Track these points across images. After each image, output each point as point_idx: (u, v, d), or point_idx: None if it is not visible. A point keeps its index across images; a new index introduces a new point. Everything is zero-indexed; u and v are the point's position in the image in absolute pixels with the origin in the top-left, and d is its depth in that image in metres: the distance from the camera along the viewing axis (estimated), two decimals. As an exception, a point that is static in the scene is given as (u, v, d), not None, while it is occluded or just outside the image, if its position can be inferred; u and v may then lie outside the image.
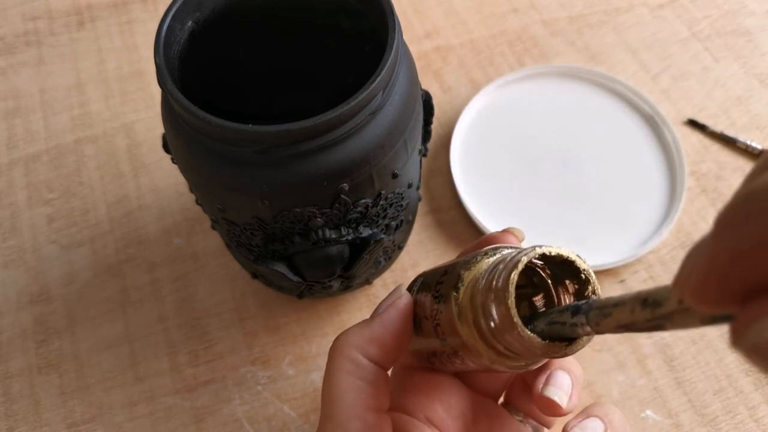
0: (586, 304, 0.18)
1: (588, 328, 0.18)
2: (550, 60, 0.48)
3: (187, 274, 0.40)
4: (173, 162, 0.29)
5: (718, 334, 0.37)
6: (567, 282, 0.20)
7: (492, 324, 0.19)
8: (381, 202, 0.28)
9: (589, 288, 0.19)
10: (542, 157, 0.43)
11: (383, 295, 0.39)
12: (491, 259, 0.21)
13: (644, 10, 0.51)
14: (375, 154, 0.26)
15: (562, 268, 0.20)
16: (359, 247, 0.30)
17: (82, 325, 0.38)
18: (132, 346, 0.37)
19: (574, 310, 0.18)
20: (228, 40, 0.31)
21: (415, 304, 0.24)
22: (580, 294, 0.20)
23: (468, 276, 0.21)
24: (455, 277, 0.21)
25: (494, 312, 0.19)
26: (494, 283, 0.19)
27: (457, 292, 0.21)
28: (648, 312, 0.18)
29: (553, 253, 0.19)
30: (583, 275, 0.19)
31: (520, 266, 0.18)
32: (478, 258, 0.21)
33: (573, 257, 0.19)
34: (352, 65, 0.33)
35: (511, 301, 0.18)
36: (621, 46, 0.49)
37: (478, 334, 0.20)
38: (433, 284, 0.23)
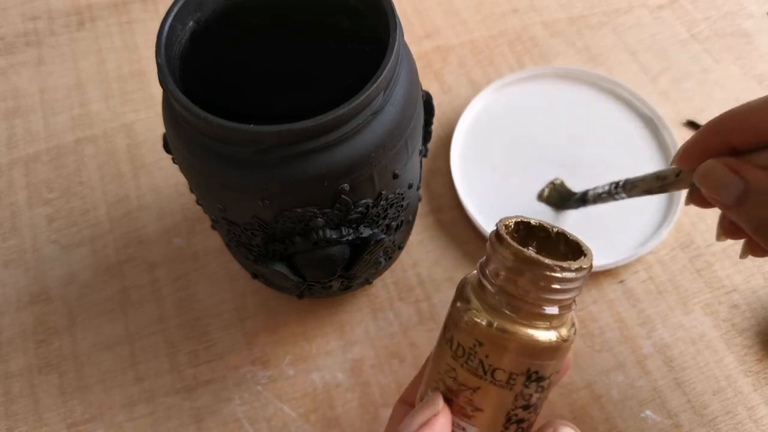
0: (623, 181, 0.33)
1: (624, 195, 0.34)
2: (550, 61, 0.48)
3: (187, 274, 0.40)
4: (173, 162, 0.29)
5: (717, 335, 0.37)
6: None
7: (502, 273, 0.22)
8: (382, 203, 0.29)
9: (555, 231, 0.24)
10: (542, 158, 0.43)
11: (383, 295, 0.39)
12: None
13: (644, 11, 0.51)
14: (376, 155, 0.26)
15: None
16: (360, 248, 0.30)
17: (82, 325, 0.38)
18: (132, 346, 0.37)
19: (616, 185, 0.34)
20: (229, 41, 0.31)
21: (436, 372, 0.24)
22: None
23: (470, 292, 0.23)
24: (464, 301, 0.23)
25: (500, 262, 0.22)
26: (484, 261, 0.23)
27: (469, 303, 0.23)
28: (659, 182, 0.30)
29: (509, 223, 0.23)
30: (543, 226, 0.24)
31: (496, 228, 0.23)
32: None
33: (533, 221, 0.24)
34: (352, 65, 0.33)
35: (503, 234, 0.22)
36: (621, 48, 0.49)
37: (506, 304, 0.22)
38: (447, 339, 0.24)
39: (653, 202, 0.41)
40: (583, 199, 0.38)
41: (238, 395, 0.36)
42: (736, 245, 0.40)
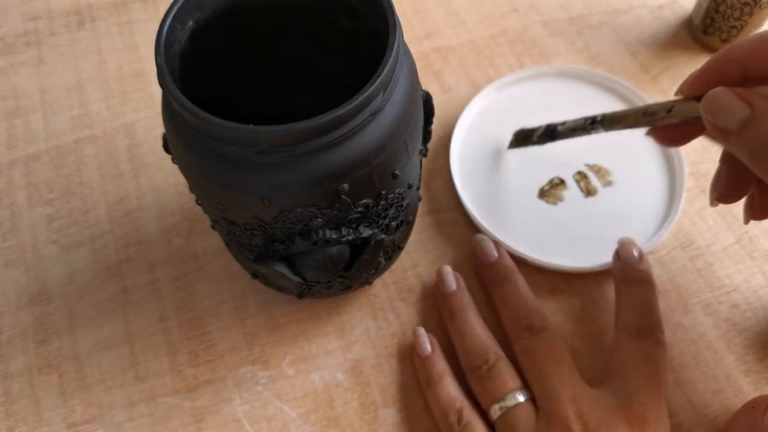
0: (600, 116, 0.32)
1: (601, 129, 0.32)
2: (550, 60, 0.48)
3: (187, 274, 0.40)
4: (173, 162, 0.29)
5: (717, 335, 0.37)
6: None
7: None
8: (381, 203, 0.29)
9: None
10: (542, 158, 0.43)
11: (383, 295, 0.39)
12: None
13: (644, 11, 0.51)
14: (375, 155, 0.26)
15: None
16: (359, 248, 0.30)
17: (82, 325, 0.38)
18: (132, 346, 0.37)
19: (592, 120, 0.33)
20: (229, 40, 0.31)
21: None
22: None
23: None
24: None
25: None
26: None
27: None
28: (647, 118, 0.30)
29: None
30: None
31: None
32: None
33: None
34: (352, 65, 0.33)
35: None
36: (621, 47, 0.49)
37: None
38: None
39: (653, 201, 0.41)
40: (551, 134, 0.37)
41: (238, 395, 0.36)
42: (737, 245, 0.40)
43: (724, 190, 0.30)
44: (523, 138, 0.40)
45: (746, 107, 0.24)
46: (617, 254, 0.37)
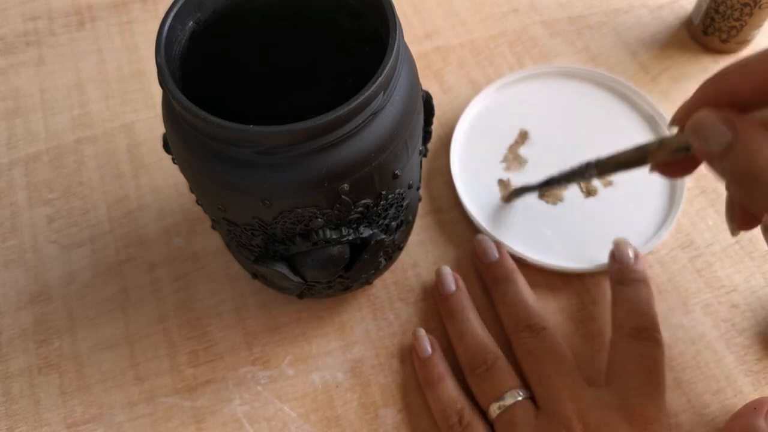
0: (594, 159, 0.32)
1: (594, 172, 0.32)
2: (550, 61, 0.48)
3: (187, 274, 0.40)
4: (173, 162, 0.29)
5: (717, 335, 0.37)
6: None
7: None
8: (382, 203, 0.29)
9: None
10: (542, 158, 0.43)
11: (383, 295, 0.39)
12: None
13: (644, 11, 0.51)
14: (376, 155, 0.26)
15: None
16: (360, 248, 0.30)
17: (82, 325, 0.38)
18: (132, 346, 0.37)
19: (586, 165, 0.32)
20: (229, 41, 0.31)
21: None
22: None
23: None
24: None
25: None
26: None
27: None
28: (638, 152, 0.29)
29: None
30: None
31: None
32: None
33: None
34: (352, 65, 0.33)
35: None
36: (621, 47, 0.49)
37: None
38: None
39: (653, 202, 0.41)
40: (548, 183, 0.37)
41: (238, 395, 0.36)
42: (737, 245, 0.40)
43: (741, 219, 0.28)
44: (521, 190, 0.40)
45: (729, 130, 0.23)
46: (613, 255, 0.37)
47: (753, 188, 0.22)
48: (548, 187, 0.38)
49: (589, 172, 0.32)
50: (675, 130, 0.27)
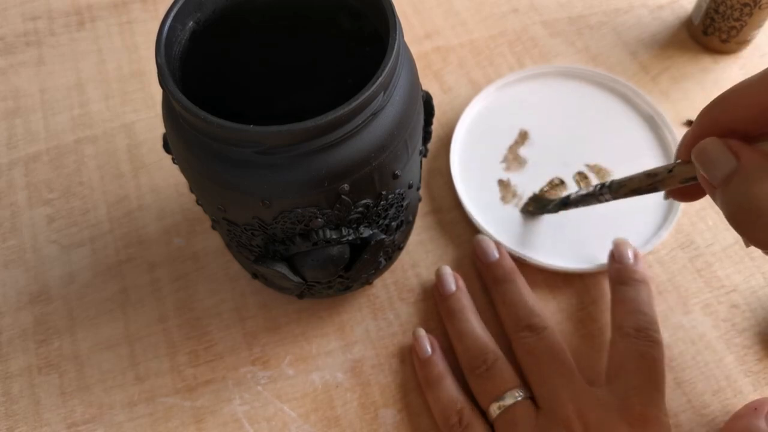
0: (609, 181, 0.33)
1: (608, 196, 0.33)
2: (550, 61, 0.48)
3: (187, 274, 0.40)
4: (173, 162, 0.29)
5: (717, 335, 0.37)
6: None
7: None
8: (382, 203, 0.29)
9: None
10: (543, 158, 0.43)
11: (383, 295, 0.39)
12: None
13: (644, 11, 0.51)
14: (376, 155, 0.26)
15: None
16: (360, 248, 0.30)
17: (82, 325, 0.38)
18: (132, 346, 0.37)
19: (600, 186, 0.34)
20: (229, 41, 0.31)
21: None
22: None
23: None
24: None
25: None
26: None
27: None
28: (650, 179, 0.30)
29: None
30: None
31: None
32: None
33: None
34: (352, 65, 0.33)
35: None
36: (621, 47, 0.49)
37: None
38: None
39: (653, 202, 0.41)
40: (564, 203, 0.38)
41: (238, 395, 0.36)
42: (737, 245, 0.40)
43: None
44: (540, 207, 0.40)
45: (732, 159, 0.23)
46: (612, 255, 0.37)
47: (755, 220, 0.22)
48: (564, 208, 0.38)
49: (604, 196, 0.34)
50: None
